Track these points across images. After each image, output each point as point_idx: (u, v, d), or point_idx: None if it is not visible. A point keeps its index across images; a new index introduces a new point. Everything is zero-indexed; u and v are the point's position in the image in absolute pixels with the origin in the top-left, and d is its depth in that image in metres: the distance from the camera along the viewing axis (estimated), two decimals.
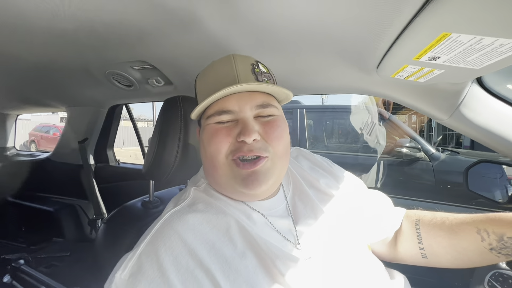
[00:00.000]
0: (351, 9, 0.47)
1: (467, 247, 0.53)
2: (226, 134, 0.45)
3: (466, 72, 0.52)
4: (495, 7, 0.32)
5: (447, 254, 0.56)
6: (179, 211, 0.45)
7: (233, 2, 0.53)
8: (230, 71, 0.48)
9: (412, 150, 2.32)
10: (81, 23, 0.65)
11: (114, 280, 0.37)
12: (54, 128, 11.93)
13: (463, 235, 0.53)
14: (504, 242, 0.48)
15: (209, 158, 0.47)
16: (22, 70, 1.08)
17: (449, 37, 0.39)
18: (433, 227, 0.58)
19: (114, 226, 0.69)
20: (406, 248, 0.61)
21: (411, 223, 0.61)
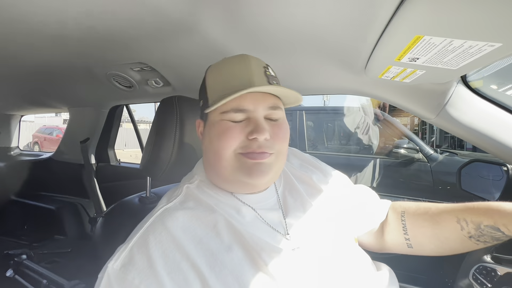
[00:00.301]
0: (334, 12, 0.50)
1: (448, 236, 0.56)
2: (239, 132, 0.47)
3: (445, 73, 0.55)
4: (460, 12, 0.35)
5: (431, 244, 0.58)
6: (171, 208, 0.48)
7: (230, 8, 0.56)
8: (245, 70, 0.49)
9: (410, 151, 2.34)
10: (84, 27, 0.69)
11: (107, 270, 0.40)
12: (58, 130, 12.05)
13: (445, 225, 0.56)
14: (481, 230, 0.51)
15: (215, 151, 0.49)
16: (27, 73, 1.12)
17: (422, 39, 0.42)
18: (417, 218, 0.60)
19: (112, 220, 0.72)
20: (393, 239, 0.63)
21: (397, 214, 0.64)
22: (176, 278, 0.39)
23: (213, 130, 0.50)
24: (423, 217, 0.59)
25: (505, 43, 0.37)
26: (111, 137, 1.67)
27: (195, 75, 0.99)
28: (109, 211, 0.73)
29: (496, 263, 0.64)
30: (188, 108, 0.75)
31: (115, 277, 0.39)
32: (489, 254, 0.66)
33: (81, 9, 0.60)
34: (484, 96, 0.75)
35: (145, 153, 0.74)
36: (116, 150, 1.78)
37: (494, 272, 0.62)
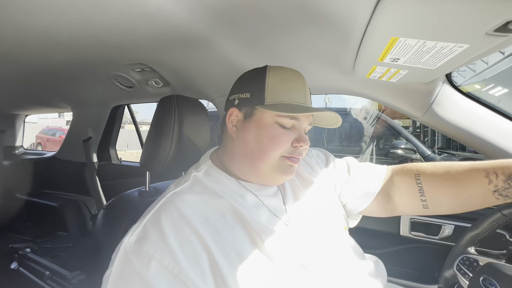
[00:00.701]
0: (319, 17, 0.54)
1: (471, 192, 0.56)
2: (287, 139, 0.53)
3: (426, 72, 0.58)
4: (430, 15, 0.39)
5: (450, 202, 0.60)
6: (180, 191, 0.52)
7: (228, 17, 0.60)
8: (302, 87, 0.56)
9: (407, 151, 2.36)
10: (89, 31, 0.73)
11: (123, 244, 0.45)
12: (60, 131, 12.14)
13: (470, 182, 0.56)
14: (510, 182, 0.52)
15: (262, 150, 0.54)
16: (33, 73, 1.17)
17: (398, 41, 0.45)
18: (436, 178, 0.60)
19: (112, 213, 0.75)
20: (406, 202, 0.64)
21: (409, 178, 0.64)
22: (186, 249, 0.43)
23: (264, 131, 0.54)
24: (444, 176, 0.59)
25: (472, 44, 0.41)
26: (113, 136, 1.71)
27: (193, 76, 1.04)
28: (109, 204, 0.77)
29: (479, 254, 0.67)
30: (186, 107, 0.79)
31: (131, 249, 0.43)
32: (473, 247, 0.69)
33: (87, 14, 0.64)
34: (469, 95, 0.78)
35: (144, 149, 0.77)
36: (118, 151, 1.82)
37: (476, 263, 0.65)
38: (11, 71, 1.14)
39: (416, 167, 0.64)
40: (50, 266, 0.96)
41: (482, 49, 0.41)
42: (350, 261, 0.56)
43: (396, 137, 2.63)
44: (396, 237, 1.04)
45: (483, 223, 0.67)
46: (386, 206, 0.67)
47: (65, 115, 16.70)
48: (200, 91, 1.14)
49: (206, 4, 0.58)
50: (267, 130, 0.53)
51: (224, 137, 0.61)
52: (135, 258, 0.42)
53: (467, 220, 0.94)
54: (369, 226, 1.06)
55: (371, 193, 0.67)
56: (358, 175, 0.69)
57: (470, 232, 0.69)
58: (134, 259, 0.42)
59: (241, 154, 0.56)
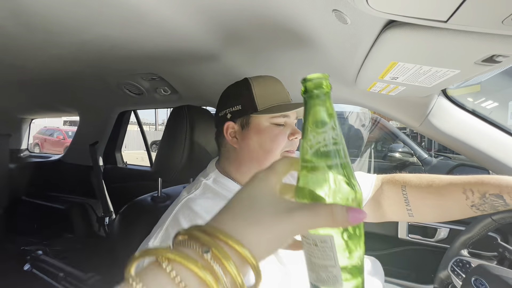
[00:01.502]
0: (327, 36, 0.59)
1: (451, 205, 0.61)
2: (284, 135, 0.61)
3: (422, 89, 0.63)
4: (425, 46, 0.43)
5: (433, 213, 0.65)
6: (193, 197, 0.57)
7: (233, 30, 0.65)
8: (283, 89, 0.66)
9: (405, 155, 2.42)
10: (101, 41, 0.77)
11: (148, 247, 0.49)
12: (58, 132, 12.08)
13: (450, 196, 0.61)
14: (485, 199, 0.57)
15: (267, 151, 0.60)
16: (43, 79, 1.20)
17: (397, 64, 0.50)
18: (420, 191, 0.65)
19: (128, 218, 0.80)
20: (394, 210, 0.70)
21: (396, 188, 0.69)
22: None
23: (264, 134, 0.61)
24: (427, 190, 0.64)
25: (463, 70, 0.46)
26: (119, 141, 1.75)
27: (201, 84, 1.08)
28: (124, 210, 0.81)
29: (471, 257, 0.72)
30: (196, 116, 0.83)
31: None
32: (466, 249, 0.75)
33: (104, 30, 0.68)
34: (463, 107, 0.83)
35: (157, 156, 0.82)
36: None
37: (468, 264, 0.70)
38: (21, 76, 1.17)
39: (403, 178, 0.70)
40: (64, 268, 1.00)
41: (471, 74, 0.46)
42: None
43: (394, 140, 2.69)
44: (394, 240, 1.09)
45: (475, 228, 0.73)
46: (376, 213, 0.73)
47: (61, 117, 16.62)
48: (207, 98, 1.18)
49: (217, 20, 0.62)
50: (267, 132, 0.61)
51: (224, 150, 0.67)
52: None
53: (462, 224, 0.99)
54: (368, 229, 1.11)
55: (363, 200, 0.71)
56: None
57: (463, 235, 0.74)
58: None
59: (248, 160, 0.61)
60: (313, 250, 0.25)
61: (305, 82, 0.27)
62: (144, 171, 1.68)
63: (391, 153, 2.43)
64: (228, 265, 0.19)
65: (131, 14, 0.60)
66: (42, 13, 0.60)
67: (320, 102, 0.26)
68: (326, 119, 0.26)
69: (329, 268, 0.25)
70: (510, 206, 0.55)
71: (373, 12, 0.33)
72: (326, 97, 0.27)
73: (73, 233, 1.61)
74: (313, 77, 0.27)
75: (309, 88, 0.27)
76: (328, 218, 0.22)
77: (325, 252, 0.25)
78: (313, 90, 0.26)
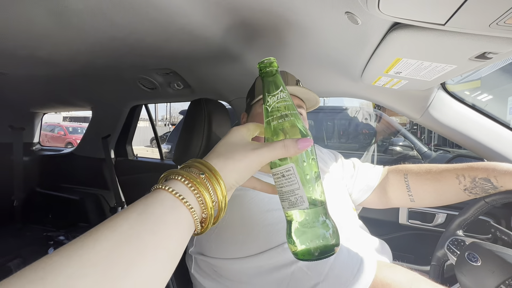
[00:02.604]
0: (337, 35, 0.65)
1: (446, 189, 0.68)
2: None
3: (423, 83, 0.69)
4: (426, 45, 0.50)
5: (431, 197, 0.72)
6: None
7: (245, 27, 0.70)
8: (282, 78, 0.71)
9: (405, 148, 2.49)
10: (120, 37, 0.82)
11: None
12: (59, 127, 12.13)
13: (444, 181, 0.68)
14: (475, 183, 0.63)
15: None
16: (62, 75, 1.26)
17: (401, 60, 0.57)
18: (419, 177, 0.73)
19: None
20: (397, 196, 0.77)
21: (400, 176, 0.77)
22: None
23: (256, 119, 0.68)
24: (425, 176, 0.72)
25: (458, 66, 0.52)
26: (130, 134, 1.81)
27: (214, 80, 1.14)
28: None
29: (466, 236, 0.79)
30: (213, 109, 0.89)
31: None
32: (461, 230, 0.82)
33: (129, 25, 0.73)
34: (461, 100, 0.89)
35: (178, 145, 0.88)
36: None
37: (463, 243, 0.77)
38: (36, 71, 1.21)
39: (405, 167, 0.78)
40: None
41: (466, 69, 0.53)
42: (360, 236, 0.67)
43: (394, 135, 2.76)
44: (395, 225, 1.16)
45: (470, 210, 0.79)
46: (382, 199, 0.81)
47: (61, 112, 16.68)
48: (219, 93, 1.24)
49: (233, 17, 0.67)
50: (259, 117, 0.68)
51: None
52: None
53: (458, 209, 1.06)
54: (371, 215, 1.19)
55: (371, 187, 0.80)
56: (361, 171, 0.82)
57: (458, 218, 0.81)
58: None
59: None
60: (282, 181, 0.33)
61: (260, 64, 0.37)
62: (154, 163, 1.75)
63: (392, 147, 2.50)
64: (216, 184, 0.28)
65: (160, 15, 0.66)
66: (79, 12, 0.66)
67: (272, 76, 0.36)
68: (278, 86, 0.36)
69: (295, 191, 0.32)
70: (498, 188, 0.62)
71: (383, 15, 0.40)
72: (276, 72, 0.37)
73: (87, 222, 1.69)
74: (265, 59, 0.37)
75: (263, 67, 0.37)
76: (282, 150, 0.31)
77: (290, 179, 0.32)
78: (266, 68, 0.37)
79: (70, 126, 13.16)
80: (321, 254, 0.32)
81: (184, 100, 1.37)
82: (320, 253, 0.32)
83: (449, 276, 0.79)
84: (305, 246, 0.33)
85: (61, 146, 9.36)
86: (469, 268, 0.66)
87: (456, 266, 0.69)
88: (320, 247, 0.32)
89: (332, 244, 0.33)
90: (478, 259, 0.66)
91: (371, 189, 0.80)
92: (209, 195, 0.28)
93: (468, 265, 0.66)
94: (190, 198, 0.27)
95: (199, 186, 0.27)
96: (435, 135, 9.93)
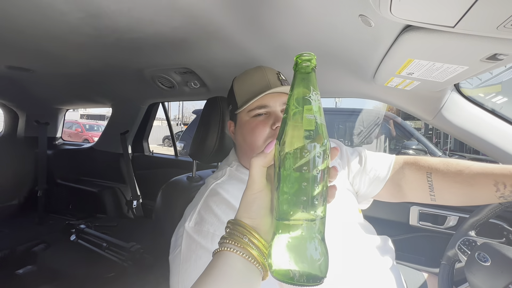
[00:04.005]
0: (350, 35, 0.67)
1: (479, 195, 0.60)
2: (264, 125, 0.61)
3: (435, 84, 0.70)
4: (438, 46, 0.52)
5: (457, 200, 0.66)
6: (220, 183, 0.64)
7: (263, 26, 0.74)
8: (263, 78, 0.66)
9: (418, 152, 2.45)
10: (148, 41, 0.88)
11: (185, 229, 0.55)
12: (76, 124, 12.64)
13: (479, 187, 0.59)
14: None
15: (249, 144, 0.62)
16: (84, 73, 1.34)
17: (413, 61, 0.58)
18: (447, 179, 0.64)
19: (168, 193, 0.91)
20: (416, 194, 0.71)
21: (421, 174, 0.68)
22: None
23: (244, 128, 0.64)
24: (454, 178, 0.63)
25: (470, 67, 0.53)
26: (146, 131, 1.89)
27: (228, 77, 1.18)
28: (165, 187, 0.93)
29: (477, 236, 0.79)
30: (228, 107, 0.93)
31: (193, 231, 0.54)
32: (474, 230, 0.81)
33: (153, 26, 0.79)
34: (475, 102, 0.89)
35: (194, 141, 0.93)
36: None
37: (474, 243, 0.77)
38: (62, 69, 1.29)
39: (429, 164, 0.68)
40: (106, 238, 1.13)
41: (478, 70, 0.54)
42: (361, 236, 0.66)
43: (408, 139, 2.72)
44: (405, 226, 1.16)
45: (483, 211, 0.79)
46: (396, 195, 0.75)
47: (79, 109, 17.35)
48: None
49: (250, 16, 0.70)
50: (247, 125, 0.64)
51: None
52: (199, 237, 0.52)
53: (470, 212, 1.05)
54: (381, 216, 1.19)
55: (381, 181, 0.73)
56: (369, 164, 0.75)
57: (471, 218, 0.81)
58: (198, 237, 0.52)
59: (242, 154, 0.68)
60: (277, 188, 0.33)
61: (297, 57, 0.33)
62: (169, 159, 1.82)
63: (405, 150, 2.46)
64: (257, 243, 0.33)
65: (182, 16, 0.70)
66: (112, 15, 0.72)
67: (306, 74, 0.32)
68: (311, 86, 0.32)
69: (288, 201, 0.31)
70: None
71: (395, 18, 0.42)
72: (312, 71, 0.32)
73: (105, 214, 1.77)
74: (305, 53, 0.33)
75: (299, 61, 0.33)
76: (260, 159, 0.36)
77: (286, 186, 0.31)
78: (302, 63, 0.32)
79: (87, 124, 13.67)
80: (300, 280, 0.28)
81: (200, 98, 1.42)
82: (297, 277, 0.28)
83: (459, 279, 0.79)
84: (281, 265, 0.29)
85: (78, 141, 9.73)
86: (479, 268, 0.66)
87: (466, 265, 0.70)
88: (298, 272, 0.28)
89: (315, 274, 0.29)
90: (488, 259, 0.67)
91: (381, 184, 0.73)
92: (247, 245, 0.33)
93: (478, 265, 0.67)
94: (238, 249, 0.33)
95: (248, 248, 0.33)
96: (451, 140, 9.64)
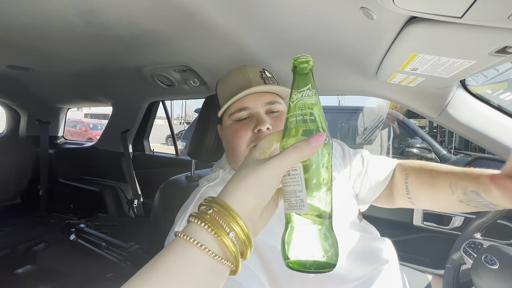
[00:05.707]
0: (352, 30, 0.65)
1: (441, 198, 0.58)
2: (245, 129, 0.58)
3: (441, 80, 0.68)
4: (443, 39, 0.49)
5: (428, 203, 0.64)
6: (213, 185, 0.62)
7: (263, 21, 0.72)
8: (243, 78, 0.63)
9: (422, 150, 2.41)
10: (148, 35, 0.86)
11: (175, 233, 0.54)
12: (81, 123, 12.74)
13: (438, 189, 0.57)
14: (467, 195, 0.50)
15: (232, 148, 0.61)
16: (84, 72, 1.33)
17: (417, 56, 0.56)
18: (418, 181, 0.64)
19: (166, 192, 0.90)
20: (400, 197, 0.69)
21: (402, 177, 0.68)
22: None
23: (227, 133, 0.62)
24: (423, 179, 0.62)
25: (478, 61, 0.51)
26: (147, 130, 1.88)
27: None
28: (163, 186, 0.91)
29: (484, 239, 0.77)
30: None
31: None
32: (479, 233, 0.79)
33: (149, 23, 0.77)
34: (482, 99, 0.86)
35: (192, 140, 0.91)
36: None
37: (480, 246, 0.74)
38: (70, 69, 1.30)
39: (411, 165, 0.67)
40: (106, 238, 1.13)
41: (486, 65, 0.51)
42: (361, 238, 0.63)
43: (412, 137, 2.68)
44: (409, 227, 1.14)
45: (489, 212, 0.77)
46: (388, 201, 0.73)
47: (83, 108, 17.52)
48: None
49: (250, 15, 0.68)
50: (229, 130, 0.62)
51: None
52: None
53: (476, 213, 1.02)
54: (384, 216, 1.17)
55: (381, 185, 0.71)
56: (371, 168, 0.73)
57: (477, 220, 0.78)
58: None
59: (231, 158, 0.66)
60: (287, 180, 0.31)
61: (295, 60, 0.34)
62: (170, 158, 1.81)
63: (408, 149, 2.42)
64: (227, 216, 0.27)
65: (179, 12, 0.69)
66: (106, 12, 0.70)
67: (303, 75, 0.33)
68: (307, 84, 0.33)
69: (297, 193, 0.30)
70: (494, 205, 0.47)
71: (398, 9, 0.40)
72: (309, 72, 0.33)
73: (106, 213, 1.77)
74: (301, 56, 0.34)
75: (296, 64, 0.34)
76: (297, 154, 0.28)
77: (295, 179, 0.30)
78: (300, 65, 0.33)
79: (91, 123, 13.78)
80: (311, 268, 0.30)
81: (200, 97, 1.41)
82: (309, 266, 0.30)
83: (465, 282, 0.77)
84: (295, 256, 0.31)
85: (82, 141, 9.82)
86: (486, 271, 0.64)
87: (472, 268, 0.67)
88: (310, 261, 0.30)
89: (328, 262, 0.30)
90: (496, 262, 0.64)
91: (381, 189, 0.72)
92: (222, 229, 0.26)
93: (485, 267, 0.64)
94: (203, 238, 0.27)
95: (209, 222, 0.27)
96: (456, 138, 9.54)
